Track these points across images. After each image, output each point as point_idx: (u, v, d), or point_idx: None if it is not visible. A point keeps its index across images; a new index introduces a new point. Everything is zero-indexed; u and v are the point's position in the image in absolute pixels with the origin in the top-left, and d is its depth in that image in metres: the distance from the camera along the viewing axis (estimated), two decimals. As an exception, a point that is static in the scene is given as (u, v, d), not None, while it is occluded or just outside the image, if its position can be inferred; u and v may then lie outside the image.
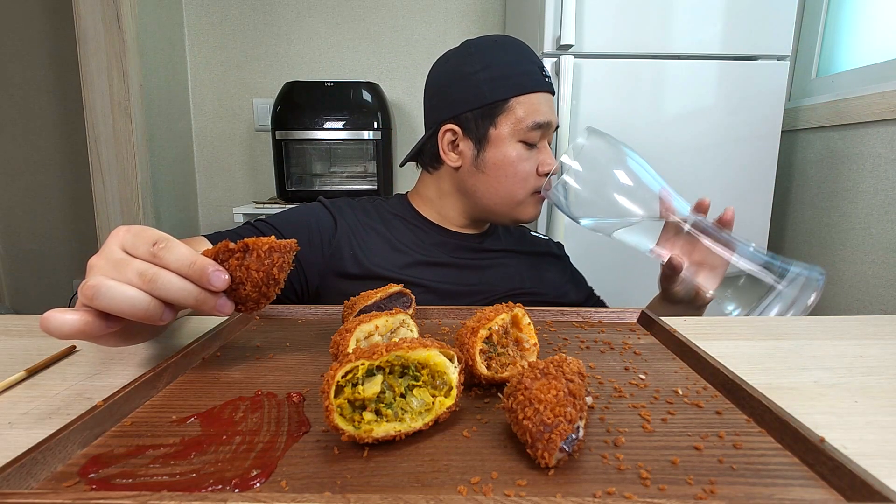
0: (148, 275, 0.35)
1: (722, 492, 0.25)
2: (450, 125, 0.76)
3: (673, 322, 0.51)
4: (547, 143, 0.78)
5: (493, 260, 0.82)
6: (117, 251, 0.36)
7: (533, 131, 0.74)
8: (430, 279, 0.75)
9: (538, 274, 0.84)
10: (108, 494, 0.23)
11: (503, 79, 0.74)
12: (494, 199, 0.77)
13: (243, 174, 2.12)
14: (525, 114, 0.74)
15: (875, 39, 1.38)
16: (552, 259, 0.89)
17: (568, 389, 0.28)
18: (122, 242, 0.37)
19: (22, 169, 2.13)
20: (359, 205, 0.84)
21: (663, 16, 1.32)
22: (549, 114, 0.76)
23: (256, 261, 0.38)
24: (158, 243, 0.36)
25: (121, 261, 0.36)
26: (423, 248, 0.78)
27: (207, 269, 0.36)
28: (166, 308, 0.36)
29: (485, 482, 0.26)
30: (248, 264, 0.38)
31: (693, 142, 1.37)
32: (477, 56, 0.76)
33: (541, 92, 0.76)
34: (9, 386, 0.37)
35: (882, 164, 1.23)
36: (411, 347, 0.31)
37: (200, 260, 0.36)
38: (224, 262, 0.37)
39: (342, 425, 0.28)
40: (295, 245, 0.40)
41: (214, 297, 0.37)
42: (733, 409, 0.33)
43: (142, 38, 1.73)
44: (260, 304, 0.40)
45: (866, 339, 0.48)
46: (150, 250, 0.36)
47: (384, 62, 2.04)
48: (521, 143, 0.75)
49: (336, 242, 0.75)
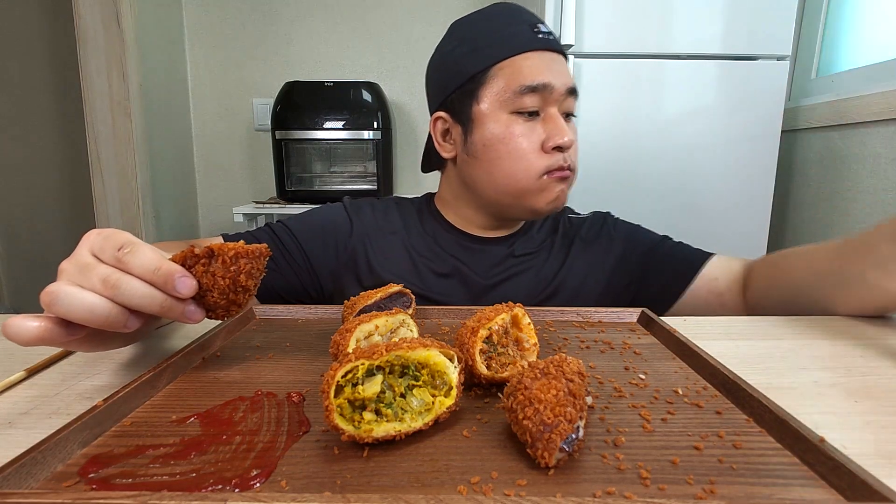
0: (111, 280, 0.33)
1: (722, 492, 0.25)
2: (439, 113, 0.71)
3: (673, 322, 0.51)
4: (558, 111, 0.66)
5: (519, 266, 0.72)
6: (86, 255, 0.35)
7: (524, 96, 0.64)
8: (444, 293, 0.70)
9: (565, 270, 0.72)
10: (108, 494, 0.23)
11: (484, 48, 0.66)
12: (494, 187, 0.67)
13: (243, 174, 2.12)
14: (510, 78, 0.64)
15: (875, 39, 1.37)
16: (581, 244, 0.75)
17: (568, 389, 0.28)
18: (91, 246, 0.36)
19: (22, 169, 2.13)
20: (381, 206, 0.77)
21: (663, 16, 1.32)
22: (547, 73, 0.64)
23: (222, 267, 0.36)
24: (124, 248, 0.34)
25: (87, 265, 0.34)
26: (442, 259, 0.72)
27: (174, 276, 0.34)
28: (131, 315, 0.34)
29: (485, 482, 0.26)
30: (213, 270, 0.36)
31: (693, 142, 1.37)
32: (457, 32, 0.70)
33: (533, 51, 0.65)
34: (9, 386, 0.37)
35: (882, 164, 1.23)
36: (411, 347, 0.31)
37: (166, 265, 0.34)
38: (191, 269, 0.36)
39: (342, 425, 0.28)
40: (266, 250, 0.39)
41: (182, 304, 0.36)
42: (733, 409, 0.33)
43: (142, 38, 1.73)
44: (230, 311, 0.39)
45: (866, 339, 0.48)
46: (115, 255, 0.34)
47: (384, 62, 2.04)
48: (513, 115, 0.65)
49: (351, 245, 0.72)
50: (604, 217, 0.80)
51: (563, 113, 0.67)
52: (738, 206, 1.40)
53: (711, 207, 1.40)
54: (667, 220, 1.39)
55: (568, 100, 0.67)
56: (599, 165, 1.37)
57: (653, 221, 1.42)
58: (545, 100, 0.65)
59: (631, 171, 1.39)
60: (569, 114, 0.69)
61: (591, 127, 1.35)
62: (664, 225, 1.43)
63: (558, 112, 0.66)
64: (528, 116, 0.65)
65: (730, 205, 1.40)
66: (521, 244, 0.74)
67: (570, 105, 0.68)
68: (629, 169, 1.38)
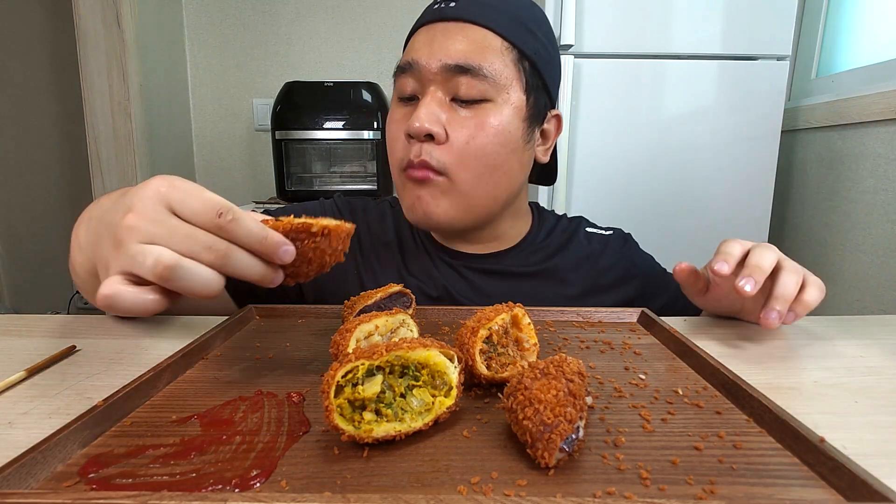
0: (220, 251, 0.33)
1: (722, 492, 0.25)
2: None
3: (673, 322, 0.51)
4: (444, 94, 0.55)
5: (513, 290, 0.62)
6: (162, 211, 0.33)
7: (398, 79, 0.57)
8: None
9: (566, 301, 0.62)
10: (108, 494, 0.23)
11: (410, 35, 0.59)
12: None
13: (243, 174, 2.12)
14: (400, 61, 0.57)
15: (875, 39, 1.37)
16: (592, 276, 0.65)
17: (568, 389, 0.28)
18: (167, 201, 0.33)
19: (22, 169, 2.13)
20: (376, 211, 0.69)
21: (663, 16, 1.32)
22: (421, 50, 0.54)
23: (331, 245, 0.38)
24: (224, 214, 0.33)
25: (177, 228, 0.33)
26: (434, 280, 0.63)
27: (279, 247, 0.34)
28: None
29: (485, 482, 0.26)
30: (322, 247, 0.38)
31: (693, 142, 1.37)
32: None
33: (425, 25, 0.56)
34: (9, 386, 0.37)
35: (882, 164, 1.23)
36: (411, 347, 0.31)
37: (272, 236, 0.34)
38: (296, 241, 0.37)
39: (342, 425, 0.28)
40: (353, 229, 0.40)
41: (275, 272, 0.36)
42: (733, 409, 0.33)
43: (142, 38, 1.73)
44: (308, 277, 0.40)
45: (866, 339, 0.48)
46: (217, 222, 0.33)
47: (384, 62, 2.04)
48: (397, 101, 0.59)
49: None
50: (624, 240, 0.71)
51: (452, 96, 0.55)
52: (738, 206, 1.40)
53: (711, 207, 1.40)
54: (667, 219, 1.39)
55: (455, 79, 0.54)
56: (599, 165, 1.37)
57: (653, 221, 1.43)
58: (420, 81, 0.56)
59: (631, 171, 1.39)
60: (465, 100, 0.55)
61: (591, 127, 1.35)
62: (664, 225, 1.44)
63: (436, 94, 0.55)
64: (408, 102, 0.57)
65: (730, 205, 1.40)
66: (514, 261, 0.65)
67: (461, 86, 0.54)
68: (629, 169, 1.38)
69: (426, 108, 0.54)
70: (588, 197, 1.37)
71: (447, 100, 0.55)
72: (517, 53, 0.56)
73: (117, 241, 0.33)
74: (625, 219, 1.43)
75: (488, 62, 0.54)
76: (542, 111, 0.61)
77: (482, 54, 0.54)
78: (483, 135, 0.55)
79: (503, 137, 0.56)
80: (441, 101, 0.55)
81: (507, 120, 0.56)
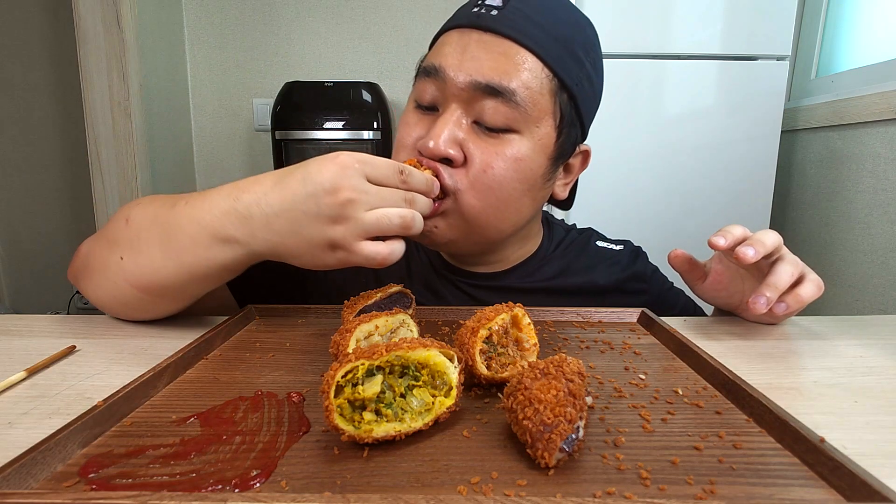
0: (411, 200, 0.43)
1: (722, 492, 0.25)
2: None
3: (673, 322, 0.51)
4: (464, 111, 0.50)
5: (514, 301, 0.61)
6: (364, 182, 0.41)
7: (420, 82, 0.52)
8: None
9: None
10: (108, 494, 0.23)
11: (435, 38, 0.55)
12: None
13: (243, 174, 2.10)
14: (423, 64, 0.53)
15: (875, 39, 1.38)
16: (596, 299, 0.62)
17: (568, 389, 0.28)
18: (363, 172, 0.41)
19: (22, 169, 2.13)
20: None
21: (663, 16, 1.33)
22: (450, 56, 0.49)
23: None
24: (403, 172, 0.43)
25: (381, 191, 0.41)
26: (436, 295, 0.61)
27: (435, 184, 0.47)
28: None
29: (485, 482, 0.26)
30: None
31: (693, 142, 1.38)
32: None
33: (457, 28, 0.51)
34: (9, 386, 0.37)
35: (882, 164, 1.23)
36: (411, 347, 0.31)
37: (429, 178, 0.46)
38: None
39: (342, 425, 0.28)
40: None
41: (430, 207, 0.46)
42: (733, 409, 0.33)
43: (142, 38, 1.73)
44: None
45: (866, 339, 0.48)
46: (401, 178, 0.43)
47: (384, 62, 2.04)
48: (413, 107, 0.54)
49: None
50: (636, 255, 0.69)
51: (475, 119, 0.50)
52: (738, 205, 1.40)
53: (711, 207, 1.40)
54: (667, 220, 1.39)
55: (481, 101, 0.49)
56: (599, 166, 1.36)
57: (653, 221, 1.42)
58: (443, 92, 0.50)
59: (631, 171, 1.39)
60: (489, 127, 0.50)
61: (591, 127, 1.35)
62: (664, 224, 1.43)
63: (456, 113, 0.50)
64: (426, 111, 0.53)
65: (729, 204, 1.40)
66: (520, 278, 0.62)
67: (486, 110, 0.49)
68: (629, 169, 1.38)
69: (446, 129, 0.49)
70: (588, 197, 1.36)
71: (469, 122, 0.50)
72: (557, 84, 0.50)
73: (341, 217, 0.40)
74: (625, 218, 1.43)
75: (522, 88, 0.48)
76: (571, 147, 0.56)
77: (517, 77, 0.48)
78: (502, 166, 0.50)
79: (523, 174, 0.51)
80: (462, 123, 0.50)
81: (530, 156, 0.51)
